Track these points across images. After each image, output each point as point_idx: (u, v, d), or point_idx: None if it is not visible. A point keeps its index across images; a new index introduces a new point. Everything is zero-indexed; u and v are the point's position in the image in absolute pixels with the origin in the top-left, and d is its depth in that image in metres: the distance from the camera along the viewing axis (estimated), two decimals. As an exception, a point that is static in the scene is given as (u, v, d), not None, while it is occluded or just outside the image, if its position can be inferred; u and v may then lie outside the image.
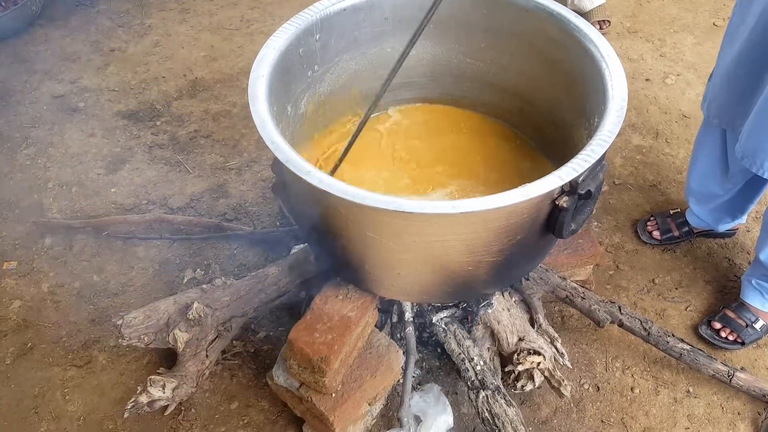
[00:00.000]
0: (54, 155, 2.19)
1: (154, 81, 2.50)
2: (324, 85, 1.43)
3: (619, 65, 1.13)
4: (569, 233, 1.07)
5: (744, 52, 1.33)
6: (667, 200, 2.02)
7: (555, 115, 1.38)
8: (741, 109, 1.38)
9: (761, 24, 1.25)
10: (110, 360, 1.62)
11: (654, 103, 2.37)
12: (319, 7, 1.30)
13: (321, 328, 1.27)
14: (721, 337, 1.62)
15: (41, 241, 1.90)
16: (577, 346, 1.64)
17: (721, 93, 1.44)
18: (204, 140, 2.24)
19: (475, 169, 1.46)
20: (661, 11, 2.84)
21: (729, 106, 1.43)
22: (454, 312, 1.47)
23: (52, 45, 2.71)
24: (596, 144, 1.00)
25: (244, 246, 1.87)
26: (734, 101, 1.41)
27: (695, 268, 1.83)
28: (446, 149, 1.50)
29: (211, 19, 2.85)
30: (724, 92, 1.43)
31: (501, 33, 1.38)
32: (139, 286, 1.78)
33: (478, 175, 1.45)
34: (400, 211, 0.95)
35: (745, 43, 1.31)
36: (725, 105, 1.45)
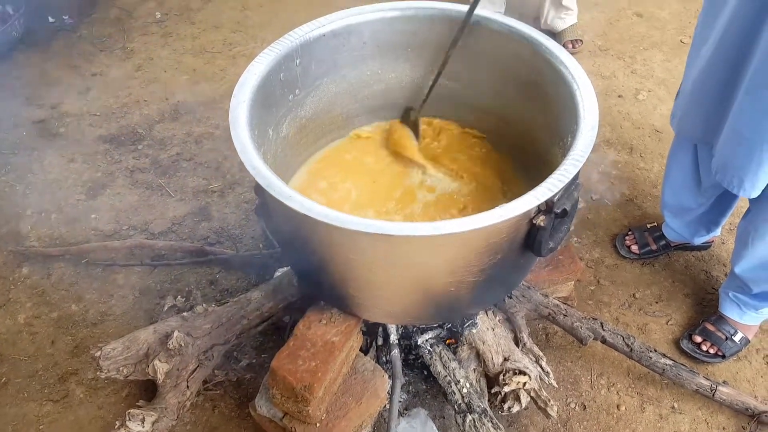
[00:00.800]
0: (33, 181, 2.16)
1: (136, 105, 2.50)
2: (305, 109, 1.44)
3: (590, 86, 1.16)
4: (548, 251, 1.08)
5: (708, 70, 1.36)
6: (643, 214, 2.05)
7: (530, 134, 1.40)
8: (710, 124, 1.41)
9: (724, 43, 1.28)
10: (88, 393, 1.58)
11: (627, 119, 2.42)
12: (300, 33, 1.32)
13: (304, 355, 1.26)
14: (702, 351, 1.64)
15: (18, 271, 1.87)
16: (562, 364, 1.65)
17: (690, 110, 1.47)
18: (186, 163, 2.23)
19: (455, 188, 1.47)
20: (630, 30, 2.91)
21: (698, 122, 1.46)
22: (439, 333, 1.47)
23: (33, 70, 2.69)
24: (570, 164, 1.01)
25: (227, 270, 1.86)
26: (703, 117, 1.43)
27: (674, 282, 1.86)
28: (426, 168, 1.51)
29: (193, 42, 2.86)
30: (693, 109, 1.46)
31: (476, 56, 1.41)
32: (119, 315, 1.75)
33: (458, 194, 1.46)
34: (381, 233, 0.95)
35: (709, 61, 1.34)
36: (695, 121, 1.47)
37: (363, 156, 1.56)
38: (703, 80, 1.39)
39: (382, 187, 1.47)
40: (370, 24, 1.41)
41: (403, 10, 1.41)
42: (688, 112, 1.48)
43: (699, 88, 1.41)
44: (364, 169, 1.52)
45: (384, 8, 1.41)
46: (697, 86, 1.41)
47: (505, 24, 1.32)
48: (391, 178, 1.49)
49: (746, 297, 1.60)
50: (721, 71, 1.32)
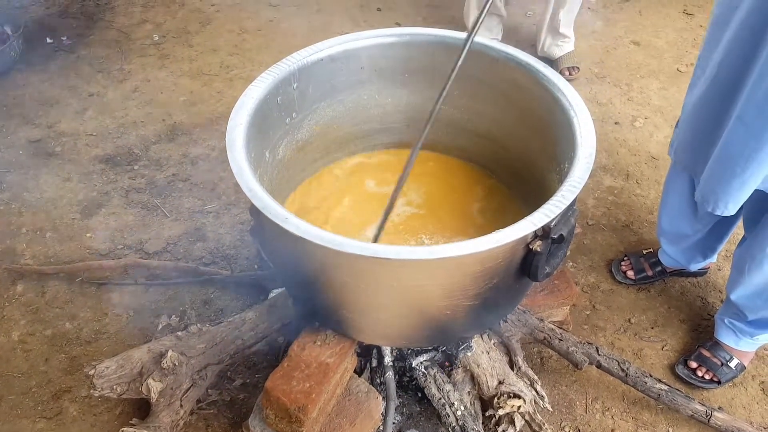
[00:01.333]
0: (28, 200, 2.16)
1: (133, 125, 2.51)
2: (302, 132, 1.46)
3: (587, 114, 1.18)
4: (544, 276, 1.08)
5: (702, 102, 1.39)
6: (639, 240, 2.06)
7: (527, 159, 1.42)
8: (701, 155, 1.44)
9: (719, 76, 1.31)
10: (81, 411, 1.57)
11: (624, 146, 2.45)
12: (297, 57, 1.34)
13: (298, 376, 1.26)
14: (698, 377, 1.64)
15: (13, 288, 1.86)
16: (557, 388, 1.64)
17: (685, 139, 1.50)
18: (182, 184, 2.24)
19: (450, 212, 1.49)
20: (627, 58, 2.96)
21: (691, 151, 1.48)
22: (434, 355, 1.47)
23: (30, 89, 2.71)
24: (567, 190, 1.03)
25: (221, 290, 1.85)
26: (695, 147, 1.46)
27: (670, 308, 1.86)
28: (422, 193, 1.52)
29: (190, 64, 2.88)
30: (688, 138, 1.49)
31: (473, 82, 1.43)
32: (113, 334, 1.74)
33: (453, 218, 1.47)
34: (377, 257, 0.96)
35: (704, 93, 1.37)
36: (688, 150, 1.50)
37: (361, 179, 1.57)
38: (697, 112, 1.42)
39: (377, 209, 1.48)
40: (367, 49, 1.43)
41: (399, 36, 1.44)
42: (684, 140, 1.51)
43: (694, 119, 1.44)
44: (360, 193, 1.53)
45: (381, 34, 1.44)
46: (692, 117, 1.44)
47: (503, 51, 1.34)
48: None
49: (742, 324, 1.61)
50: (715, 103, 1.35)
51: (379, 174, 1.59)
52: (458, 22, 3.01)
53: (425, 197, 1.52)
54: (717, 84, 1.33)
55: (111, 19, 3.23)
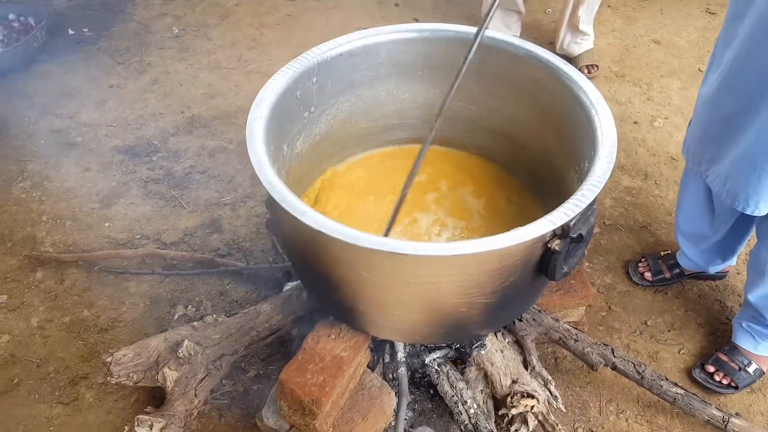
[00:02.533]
0: (49, 189, 2.19)
1: (152, 117, 2.53)
2: (320, 126, 1.46)
3: (608, 112, 1.16)
4: (561, 276, 1.08)
5: (716, 96, 1.36)
6: (657, 241, 2.04)
7: (546, 157, 1.41)
8: (714, 150, 1.42)
9: (733, 69, 1.29)
10: (97, 398, 1.59)
11: (642, 146, 2.42)
12: (317, 52, 1.34)
13: (313, 369, 1.26)
14: (715, 381, 1.62)
15: (32, 275, 1.89)
16: (571, 389, 1.63)
17: (696, 134, 1.48)
18: (199, 176, 2.25)
19: (467, 209, 1.48)
20: (647, 56, 2.93)
21: (701, 146, 1.46)
22: (447, 353, 1.47)
23: (52, 80, 2.74)
24: (587, 189, 1.02)
25: (237, 282, 1.87)
26: (706, 142, 1.44)
27: (687, 310, 1.84)
28: (439, 189, 1.52)
29: (209, 58, 2.90)
30: (699, 133, 1.47)
31: (492, 78, 1.42)
32: (130, 322, 1.76)
33: (470, 215, 1.47)
34: (394, 252, 0.96)
35: (718, 87, 1.35)
36: (698, 145, 1.48)
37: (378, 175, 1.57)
38: (709, 107, 1.40)
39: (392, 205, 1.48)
40: (386, 45, 1.43)
41: (419, 32, 1.44)
42: (695, 138, 1.49)
43: (704, 115, 1.42)
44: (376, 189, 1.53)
45: (401, 29, 1.43)
46: (703, 112, 1.43)
47: (523, 47, 1.33)
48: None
49: (761, 327, 1.59)
50: (729, 98, 1.33)
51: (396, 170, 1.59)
52: (476, 18, 3.00)
53: (442, 193, 1.51)
54: (730, 79, 1.31)
55: (131, 11, 3.26)
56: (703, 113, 1.44)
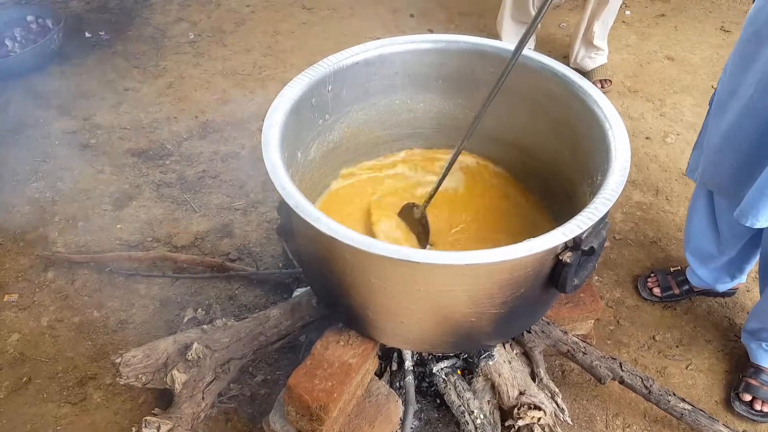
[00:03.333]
0: (62, 189, 2.22)
1: (166, 121, 2.56)
2: (334, 133, 1.47)
3: (622, 126, 1.17)
4: (572, 288, 1.08)
5: (741, 122, 1.33)
6: (667, 257, 2.03)
7: (558, 170, 1.41)
8: (738, 178, 1.39)
9: (759, 92, 1.27)
10: (105, 398, 1.60)
11: (654, 161, 2.42)
12: (333, 60, 1.36)
13: (321, 375, 1.26)
14: (757, 411, 1.59)
15: (44, 275, 1.91)
16: (578, 402, 1.63)
17: (718, 163, 1.44)
18: (211, 180, 2.27)
19: (479, 219, 1.49)
20: (661, 72, 2.93)
21: (726, 175, 1.43)
22: (455, 362, 1.47)
23: (68, 82, 2.78)
24: (600, 202, 1.02)
25: (246, 286, 1.88)
26: (735, 170, 1.41)
27: (695, 327, 1.83)
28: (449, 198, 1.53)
29: (224, 64, 2.93)
30: (723, 162, 1.43)
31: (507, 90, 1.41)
32: (139, 324, 1.77)
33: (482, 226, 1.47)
34: (406, 260, 0.96)
35: (742, 113, 1.32)
36: (722, 174, 1.45)
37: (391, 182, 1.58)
38: (736, 131, 1.36)
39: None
40: (402, 55, 1.45)
41: (434, 43, 1.45)
42: (717, 164, 1.45)
43: (731, 140, 1.39)
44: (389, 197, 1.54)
45: (416, 40, 1.45)
46: (728, 138, 1.39)
47: (538, 61, 1.34)
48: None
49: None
50: (756, 122, 1.30)
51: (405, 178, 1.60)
52: (490, 30, 3.02)
53: (451, 202, 1.52)
54: (755, 107, 1.28)
55: (148, 16, 3.31)
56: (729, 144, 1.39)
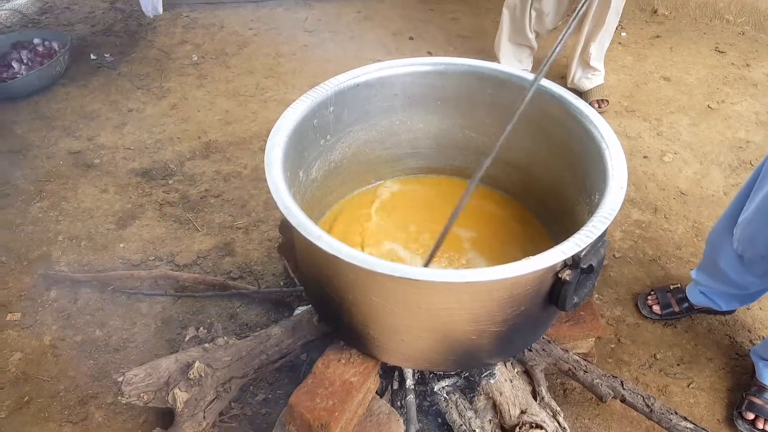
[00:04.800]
0: (66, 209, 2.24)
1: (169, 141, 2.59)
2: (335, 153, 1.50)
3: (618, 146, 1.19)
4: (572, 306, 1.09)
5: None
6: (666, 275, 2.04)
7: (556, 189, 1.43)
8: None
9: None
10: (107, 417, 1.60)
11: (652, 180, 2.44)
12: (334, 82, 1.39)
13: (322, 393, 1.27)
14: (760, 429, 1.58)
15: (47, 294, 1.92)
16: (579, 421, 1.62)
17: (753, 227, 1.45)
18: (214, 200, 2.29)
19: (478, 238, 1.50)
20: (657, 92, 2.97)
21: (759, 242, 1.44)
22: (456, 381, 1.47)
23: (73, 103, 2.82)
24: (598, 220, 1.04)
25: (248, 305, 1.88)
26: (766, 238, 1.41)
27: (696, 345, 1.84)
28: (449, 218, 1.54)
29: (227, 85, 2.97)
30: (756, 227, 1.43)
31: (505, 111, 1.45)
32: (141, 343, 1.78)
33: (481, 244, 1.49)
34: (407, 278, 0.98)
35: None
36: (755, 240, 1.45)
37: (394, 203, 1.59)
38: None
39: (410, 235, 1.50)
40: (402, 77, 1.48)
41: (434, 65, 1.48)
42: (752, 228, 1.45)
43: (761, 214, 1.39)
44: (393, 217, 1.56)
45: (416, 63, 1.48)
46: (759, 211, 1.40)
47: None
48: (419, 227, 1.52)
49: None
50: None
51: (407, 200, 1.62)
52: (488, 52, 3.06)
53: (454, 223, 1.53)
54: None
55: (152, 38, 3.36)
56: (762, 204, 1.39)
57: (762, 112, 2.83)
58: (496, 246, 1.48)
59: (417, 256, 1.46)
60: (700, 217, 2.26)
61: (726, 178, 2.44)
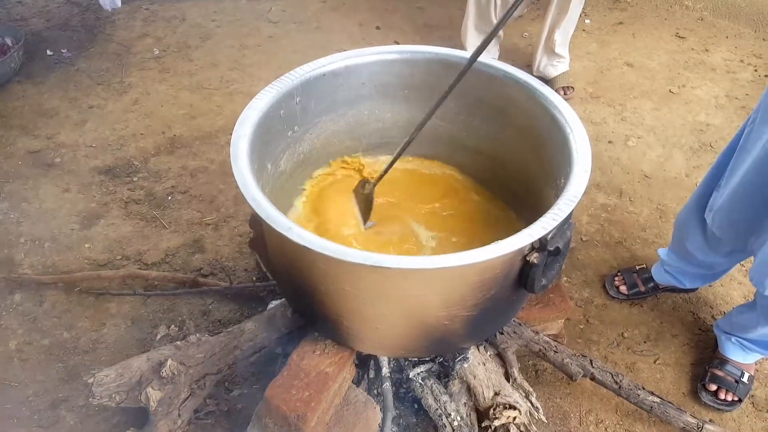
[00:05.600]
0: (27, 210, 2.17)
1: (132, 138, 2.53)
2: (303, 145, 1.49)
3: (583, 131, 1.21)
4: (540, 288, 1.11)
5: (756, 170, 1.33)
6: (632, 256, 2.09)
7: (524, 174, 1.45)
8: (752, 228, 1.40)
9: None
10: (79, 420, 1.56)
11: (617, 164, 2.49)
12: (300, 72, 1.37)
13: (298, 385, 1.27)
14: (722, 400, 1.64)
15: (10, 297, 1.86)
16: (552, 400, 1.66)
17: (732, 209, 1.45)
18: (181, 196, 2.26)
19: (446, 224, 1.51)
20: (621, 78, 3.03)
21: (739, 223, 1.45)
22: (431, 367, 1.49)
23: (30, 101, 2.73)
24: (563, 203, 1.06)
25: (220, 301, 1.86)
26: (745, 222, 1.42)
27: (662, 322, 1.89)
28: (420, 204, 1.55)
29: (191, 79, 2.92)
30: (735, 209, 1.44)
31: (472, 99, 1.47)
32: (111, 343, 1.74)
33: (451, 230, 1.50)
34: (378, 266, 0.98)
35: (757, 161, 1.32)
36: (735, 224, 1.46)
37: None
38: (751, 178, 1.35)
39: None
40: (369, 66, 1.47)
41: (400, 53, 1.48)
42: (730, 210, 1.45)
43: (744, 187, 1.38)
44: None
45: (382, 51, 1.47)
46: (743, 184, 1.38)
47: (501, 69, 1.38)
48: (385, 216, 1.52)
49: (751, 343, 1.63)
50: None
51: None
52: (455, 41, 3.07)
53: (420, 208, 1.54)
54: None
55: (111, 32, 3.28)
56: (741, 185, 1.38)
57: (721, 95, 2.92)
58: (467, 232, 1.49)
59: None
60: (664, 199, 2.32)
61: (687, 160, 2.51)
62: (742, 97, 2.90)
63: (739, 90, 2.95)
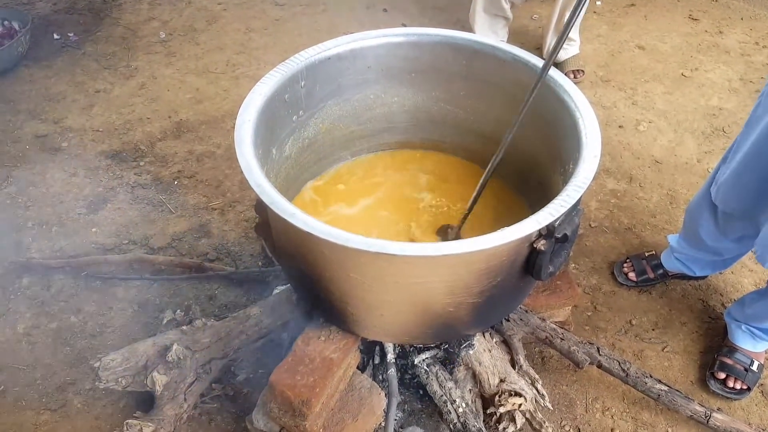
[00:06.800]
0: (35, 194, 2.18)
1: (139, 122, 2.53)
2: (308, 129, 1.47)
3: (592, 115, 1.19)
4: (547, 275, 1.09)
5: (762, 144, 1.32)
6: (642, 243, 2.07)
7: (532, 160, 1.43)
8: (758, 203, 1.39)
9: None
10: (85, 403, 1.58)
11: (627, 149, 2.46)
12: (305, 55, 1.35)
13: (303, 371, 1.27)
14: (730, 388, 1.63)
15: (18, 281, 1.88)
16: (558, 387, 1.65)
17: (737, 183, 1.43)
18: (187, 181, 2.25)
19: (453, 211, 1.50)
20: (632, 62, 2.97)
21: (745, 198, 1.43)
22: (436, 353, 1.48)
23: (37, 85, 2.73)
24: (572, 189, 1.04)
25: (226, 286, 1.87)
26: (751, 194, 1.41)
27: (671, 310, 1.87)
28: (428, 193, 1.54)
29: (197, 62, 2.90)
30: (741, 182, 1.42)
31: (480, 82, 1.44)
32: (118, 327, 1.75)
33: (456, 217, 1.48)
34: (383, 253, 0.97)
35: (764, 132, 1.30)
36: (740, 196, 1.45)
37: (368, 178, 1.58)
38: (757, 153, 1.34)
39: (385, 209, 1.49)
40: (374, 49, 1.45)
41: (407, 36, 1.45)
42: (735, 184, 1.44)
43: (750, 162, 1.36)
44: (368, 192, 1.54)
45: (389, 34, 1.45)
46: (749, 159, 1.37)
47: (510, 52, 1.35)
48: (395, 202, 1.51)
49: (761, 332, 1.62)
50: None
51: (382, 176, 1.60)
52: (464, 23, 3.03)
53: (431, 196, 1.53)
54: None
55: (118, 16, 3.26)
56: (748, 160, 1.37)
57: (734, 78, 2.86)
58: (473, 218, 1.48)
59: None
60: (675, 185, 2.29)
61: (699, 145, 2.47)
62: (757, 81, 2.84)
63: (754, 73, 2.89)
